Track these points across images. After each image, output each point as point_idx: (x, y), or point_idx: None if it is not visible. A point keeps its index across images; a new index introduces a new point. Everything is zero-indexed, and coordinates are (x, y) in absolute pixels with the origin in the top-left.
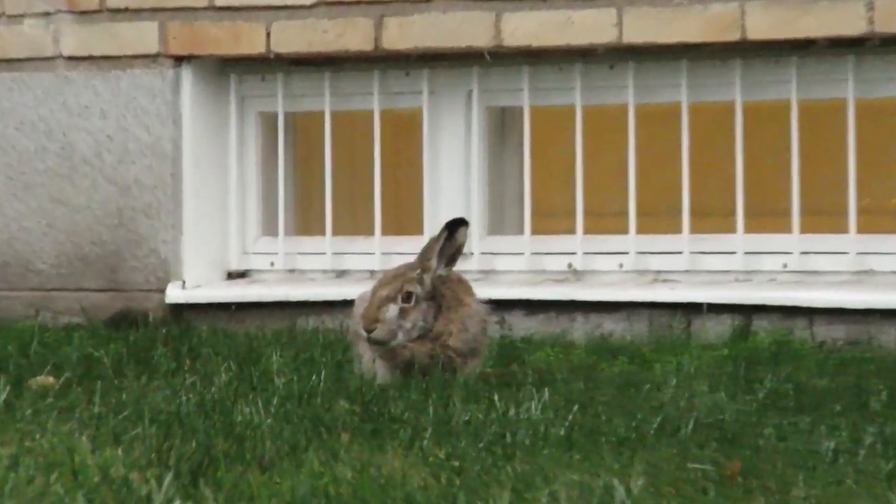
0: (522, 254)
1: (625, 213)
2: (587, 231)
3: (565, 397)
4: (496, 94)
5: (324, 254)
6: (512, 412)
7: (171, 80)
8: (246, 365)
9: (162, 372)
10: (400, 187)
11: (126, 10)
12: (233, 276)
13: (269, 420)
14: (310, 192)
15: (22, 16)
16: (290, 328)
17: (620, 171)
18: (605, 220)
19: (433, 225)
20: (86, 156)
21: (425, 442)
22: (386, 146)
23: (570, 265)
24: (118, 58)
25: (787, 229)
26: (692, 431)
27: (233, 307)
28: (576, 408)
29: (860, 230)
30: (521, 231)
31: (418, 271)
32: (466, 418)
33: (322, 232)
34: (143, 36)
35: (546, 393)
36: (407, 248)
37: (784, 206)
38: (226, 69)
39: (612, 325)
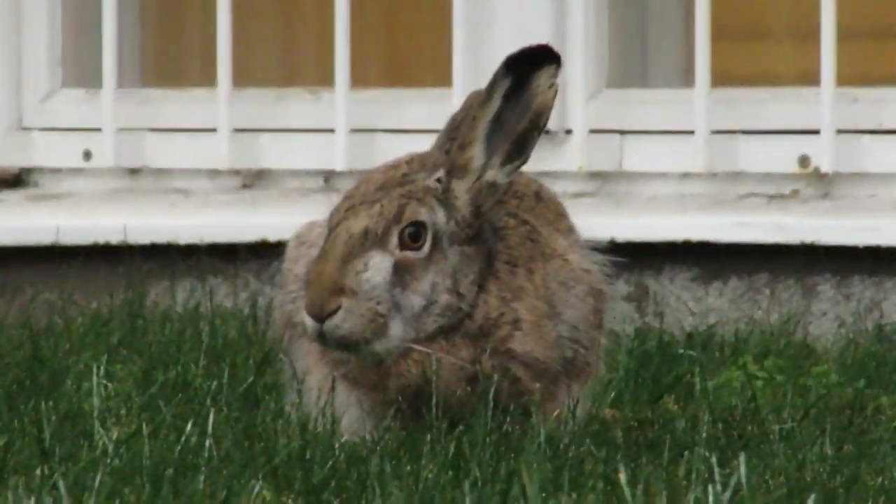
0: (691, 133)
1: None
2: (845, 81)
3: (788, 477)
4: None
5: (212, 131)
6: None
7: None
8: (27, 395)
9: None
10: None
11: None
12: None
13: None
14: None
15: None
16: (135, 306)
17: None
18: (886, 48)
19: (476, 70)
20: None
21: None
22: None
23: (805, 160)
24: None
25: None
26: None
27: None
28: (811, 502)
29: None
30: (685, 80)
31: (439, 174)
32: None
33: (208, 81)
34: None
35: (742, 467)
36: (413, 120)
37: None
38: None
39: None
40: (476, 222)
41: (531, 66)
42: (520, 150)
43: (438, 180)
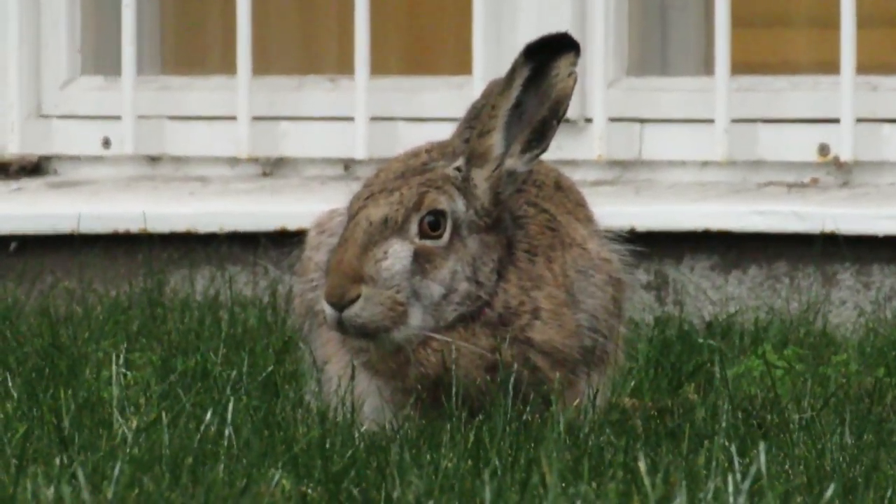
0: (710, 121)
1: None
2: (865, 68)
3: (808, 466)
4: None
5: (232, 119)
6: (681, 502)
7: None
8: (47, 383)
9: None
10: None
11: None
12: (11, 170)
13: None
14: None
15: None
16: (154, 294)
17: None
18: None
19: (496, 58)
20: None
21: None
22: None
23: (824, 149)
24: None
25: None
26: None
27: (12, 245)
28: (830, 491)
29: None
30: (705, 69)
31: (459, 163)
32: None
33: (227, 68)
34: None
35: (761, 455)
36: (433, 108)
37: None
38: None
39: None
40: (495, 211)
41: (550, 53)
42: (539, 138)
43: (458, 169)
